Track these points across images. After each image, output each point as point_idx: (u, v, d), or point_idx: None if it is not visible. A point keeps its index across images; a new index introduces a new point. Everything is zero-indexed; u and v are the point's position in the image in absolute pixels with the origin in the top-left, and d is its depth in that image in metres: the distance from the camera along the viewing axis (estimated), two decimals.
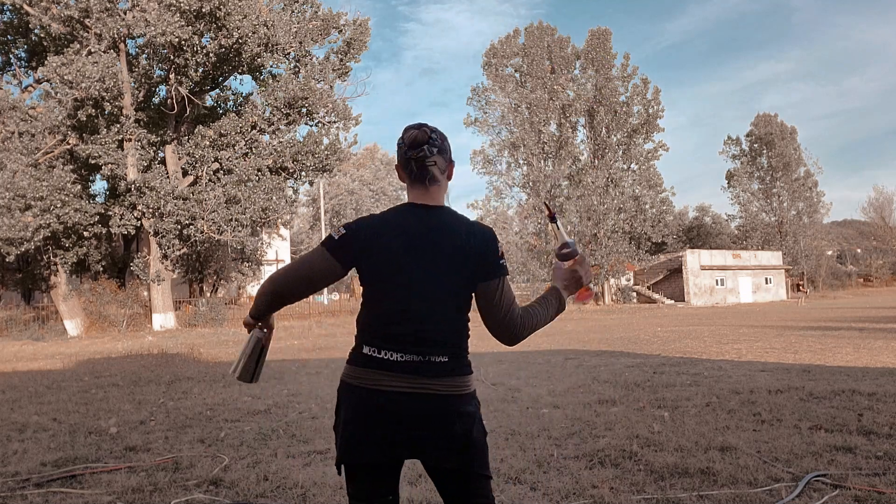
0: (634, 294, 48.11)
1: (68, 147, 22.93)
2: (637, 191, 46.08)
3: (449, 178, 2.04)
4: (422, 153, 1.92)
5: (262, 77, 27.79)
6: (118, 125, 23.56)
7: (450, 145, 2.03)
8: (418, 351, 1.86)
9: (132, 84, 24.26)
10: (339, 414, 1.94)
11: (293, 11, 27.08)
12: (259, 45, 24.08)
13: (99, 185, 31.42)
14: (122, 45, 23.42)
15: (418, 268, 1.88)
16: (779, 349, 11.53)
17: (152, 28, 21.40)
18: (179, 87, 24.31)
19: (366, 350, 1.89)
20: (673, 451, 4.50)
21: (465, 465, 1.88)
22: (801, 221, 62.35)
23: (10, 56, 25.55)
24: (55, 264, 23.43)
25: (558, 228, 2.11)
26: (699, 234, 67.68)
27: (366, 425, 1.85)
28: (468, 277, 1.90)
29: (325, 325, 25.31)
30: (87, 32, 22.19)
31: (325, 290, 45.31)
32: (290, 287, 1.98)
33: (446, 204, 2.05)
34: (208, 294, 34.04)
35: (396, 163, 2.02)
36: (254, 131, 25.44)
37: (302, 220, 61.68)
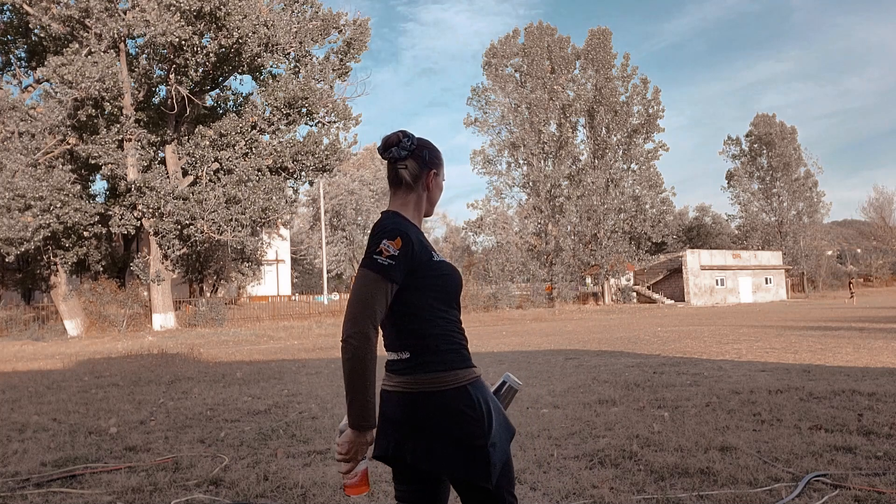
0: (634, 294, 48.11)
1: (68, 147, 22.93)
2: (637, 191, 46.08)
3: (426, 188, 1.99)
4: (391, 154, 1.94)
5: (262, 77, 27.79)
6: (118, 125, 23.56)
7: (432, 154, 1.99)
8: (391, 347, 1.91)
9: (132, 84, 24.27)
10: None
11: (293, 11, 27.08)
12: (259, 45, 24.09)
13: (99, 185, 31.51)
14: (122, 45, 23.42)
15: None
16: (779, 349, 11.53)
17: (152, 28, 21.40)
18: (179, 87, 24.31)
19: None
20: (673, 451, 4.50)
21: (436, 467, 1.81)
22: (801, 221, 62.37)
23: (10, 56, 25.56)
24: (55, 264, 23.43)
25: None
26: (699, 234, 67.69)
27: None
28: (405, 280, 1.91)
29: (325, 325, 25.31)
30: (87, 32, 22.19)
31: (325, 290, 45.33)
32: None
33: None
34: (208, 294, 34.05)
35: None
36: (254, 131, 25.45)
37: (302, 220, 61.65)
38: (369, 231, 1.91)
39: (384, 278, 1.77)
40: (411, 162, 1.95)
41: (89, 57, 21.42)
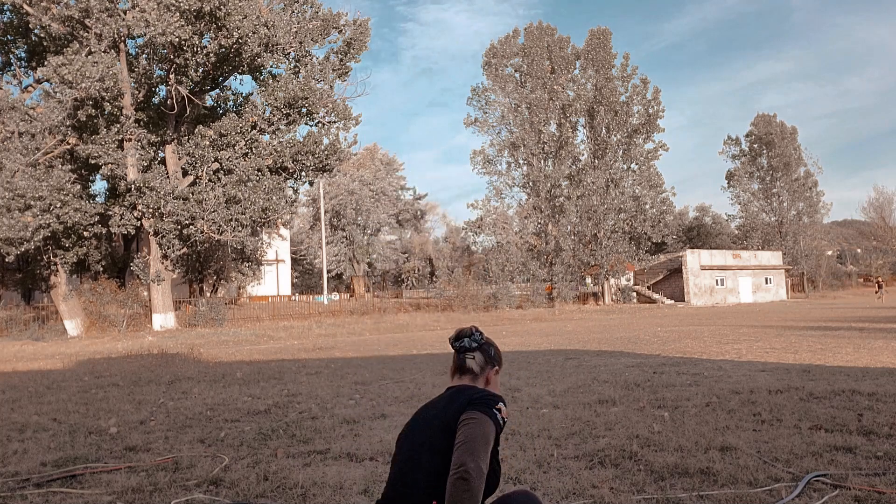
0: (634, 294, 48.11)
1: (68, 147, 22.93)
2: (637, 191, 46.07)
3: (489, 381, 2.20)
4: (462, 345, 2.19)
5: (262, 77, 27.79)
6: (118, 125, 23.56)
7: (498, 354, 2.26)
8: (408, 500, 1.97)
9: (132, 84, 24.26)
10: None
11: (293, 11, 27.07)
12: (259, 45, 24.09)
13: (99, 185, 31.47)
14: (122, 45, 23.42)
15: (415, 425, 2.12)
16: (779, 349, 11.53)
17: (152, 28, 21.40)
18: (179, 87, 24.31)
19: None
20: (673, 451, 4.50)
21: None
22: (801, 221, 62.34)
23: (10, 56, 25.56)
24: (55, 264, 23.43)
25: None
26: (699, 234, 67.69)
27: None
28: (441, 440, 2.00)
29: (325, 326, 25.31)
30: (87, 32, 22.18)
31: (325, 290, 45.31)
32: None
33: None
34: (208, 294, 34.05)
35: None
36: (254, 131, 25.44)
37: (302, 220, 61.65)
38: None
39: (497, 434, 2.00)
40: (479, 354, 2.20)
41: (89, 57, 21.41)
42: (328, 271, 53.81)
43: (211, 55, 24.01)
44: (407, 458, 2.03)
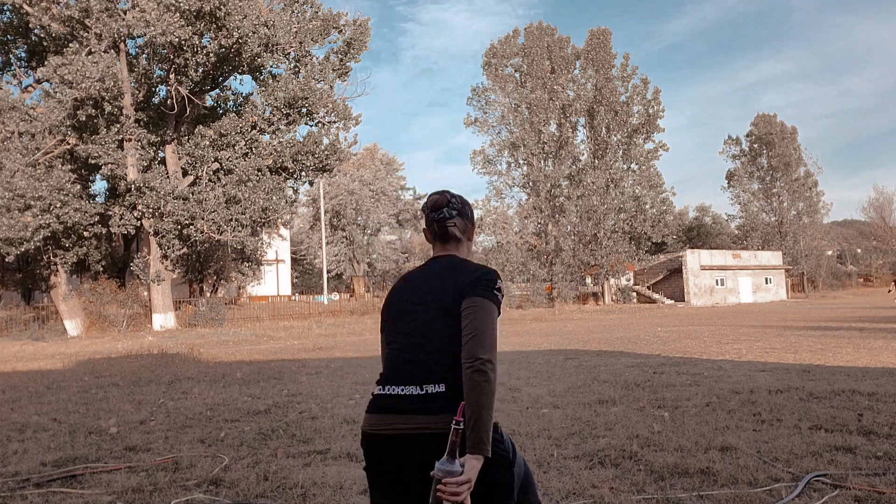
0: (634, 294, 48.11)
1: (68, 147, 22.93)
2: (637, 191, 46.06)
3: (469, 238, 2.19)
4: (441, 215, 2.11)
5: (262, 77, 27.79)
6: (118, 125, 23.56)
7: (471, 210, 2.22)
8: (416, 381, 1.89)
9: (132, 84, 24.26)
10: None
11: (293, 11, 27.07)
12: (259, 45, 24.08)
13: (99, 185, 31.45)
14: (122, 45, 23.42)
15: (412, 304, 2.02)
16: (779, 349, 11.53)
17: (152, 28, 21.39)
18: (179, 87, 24.31)
19: (376, 390, 1.99)
20: (673, 451, 4.50)
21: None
22: (801, 221, 62.32)
23: (10, 56, 25.55)
24: (55, 264, 23.43)
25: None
26: (699, 234, 67.67)
27: (376, 472, 1.92)
28: (458, 304, 1.94)
29: (325, 326, 25.31)
30: (87, 32, 22.18)
31: (325, 290, 45.31)
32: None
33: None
34: (208, 294, 34.05)
35: (424, 226, 2.21)
36: (254, 131, 25.44)
37: (302, 220, 61.60)
38: (464, 269, 2.03)
39: (498, 313, 1.94)
40: (459, 220, 2.13)
41: (89, 57, 21.41)
42: (328, 271, 53.80)
43: (211, 55, 24.01)
44: (408, 341, 1.95)
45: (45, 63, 21.48)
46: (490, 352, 1.82)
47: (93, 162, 23.51)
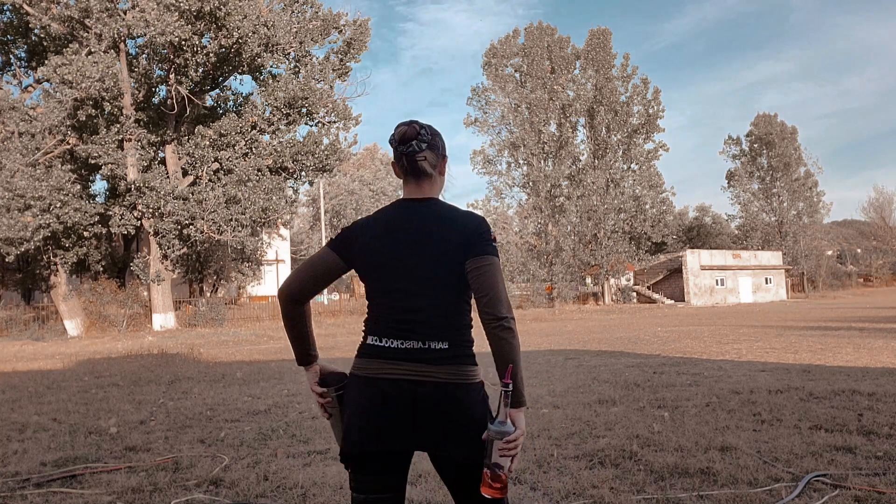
0: (634, 294, 48.11)
1: (68, 147, 22.93)
2: (637, 191, 46.08)
3: (441, 173, 2.07)
4: (411, 148, 1.97)
5: (262, 77, 27.79)
6: (118, 125, 23.56)
7: (442, 142, 2.07)
8: (418, 337, 1.90)
9: (132, 84, 24.27)
10: (344, 404, 1.97)
11: (293, 11, 27.08)
12: (259, 45, 24.08)
13: (99, 185, 31.46)
14: (122, 45, 23.42)
15: (409, 257, 1.94)
16: (779, 349, 11.53)
17: (152, 28, 21.40)
18: (179, 87, 24.31)
19: (370, 340, 1.97)
20: (673, 451, 4.50)
21: (474, 457, 1.87)
22: (801, 221, 62.30)
23: (10, 56, 25.56)
24: (55, 264, 23.43)
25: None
26: (699, 234, 67.64)
27: (371, 414, 1.89)
28: (460, 262, 1.91)
29: (325, 326, 25.31)
30: (87, 32, 22.19)
31: (325, 290, 45.30)
32: (299, 286, 2.04)
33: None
34: (208, 294, 34.06)
35: (392, 160, 2.08)
36: (254, 131, 25.44)
37: (302, 220, 61.63)
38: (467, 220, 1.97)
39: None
40: (429, 153, 2.00)
41: (89, 57, 21.41)
42: None
43: (211, 55, 24.01)
44: (407, 296, 1.91)
45: (45, 63, 21.48)
46: (510, 309, 1.87)
47: (93, 162, 23.51)
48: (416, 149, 1.97)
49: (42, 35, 23.71)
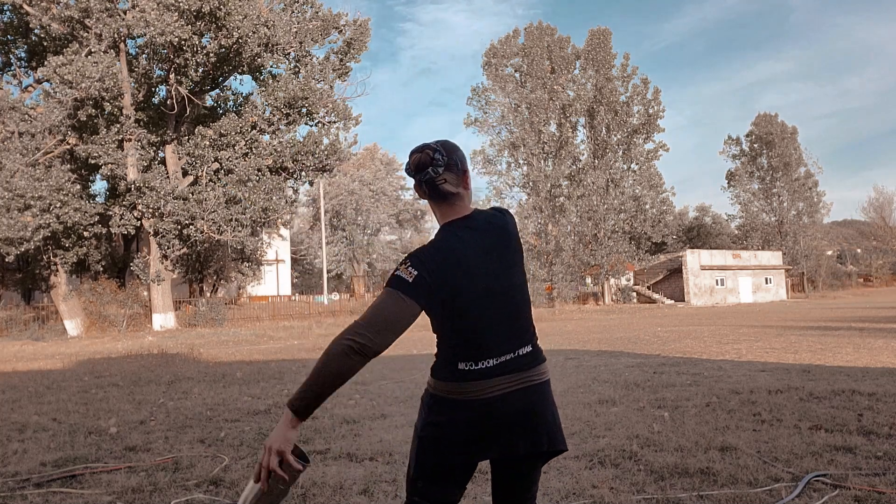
0: (634, 294, 48.11)
1: (68, 147, 22.92)
2: (637, 191, 46.08)
3: (466, 187, 2.01)
4: (428, 176, 1.93)
5: (262, 77, 27.79)
6: (118, 125, 23.56)
7: (460, 156, 1.99)
8: (510, 349, 1.93)
9: (132, 84, 24.26)
10: (431, 421, 1.91)
11: (293, 11, 27.09)
12: (259, 45, 24.09)
13: (99, 185, 31.46)
14: (122, 45, 23.42)
15: (492, 275, 1.93)
16: (779, 349, 11.52)
17: (152, 28, 21.40)
18: (179, 87, 24.31)
19: (462, 366, 1.88)
20: (673, 451, 4.50)
21: (555, 444, 1.95)
22: (801, 221, 62.28)
23: (10, 56, 25.56)
24: (55, 264, 23.42)
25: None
26: (699, 234, 67.63)
27: (467, 430, 1.88)
28: (520, 261, 2.05)
29: (325, 326, 25.30)
30: (87, 32, 22.18)
31: (325, 290, 45.30)
32: (384, 345, 1.80)
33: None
34: (208, 294, 34.05)
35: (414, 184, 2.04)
36: (254, 131, 25.44)
37: (302, 220, 61.59)
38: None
39: None
40: (448, 174, 1.94)
41: (89, 57, 21.41)
42: (328, 271, 53.80)
43: (211, 55, 24.01)
44: (505, 316, 1.94)
45: (45, 63, 21.47)
46: None
47: (93, 162, 23.51)
48: (433, 175, 1.92)
49: (42, 35, 23.71)
